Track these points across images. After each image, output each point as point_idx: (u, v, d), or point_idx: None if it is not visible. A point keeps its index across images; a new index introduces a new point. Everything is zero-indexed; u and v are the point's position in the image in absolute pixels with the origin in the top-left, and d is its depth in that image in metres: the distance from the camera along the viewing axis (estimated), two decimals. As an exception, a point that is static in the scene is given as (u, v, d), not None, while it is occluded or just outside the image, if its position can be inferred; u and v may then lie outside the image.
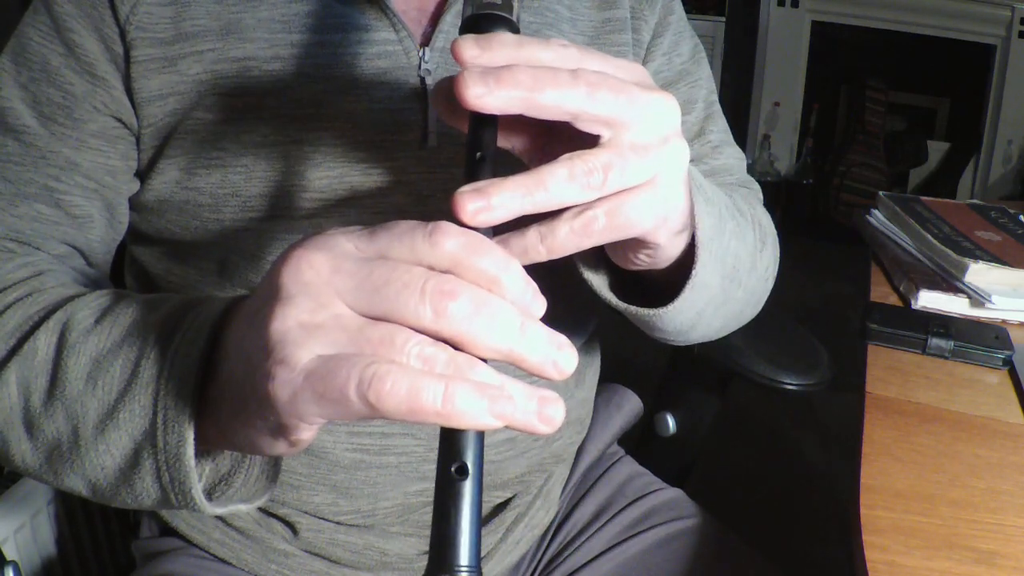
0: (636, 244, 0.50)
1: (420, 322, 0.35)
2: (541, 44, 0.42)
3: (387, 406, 0.34)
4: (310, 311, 0.36)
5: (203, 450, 0.46)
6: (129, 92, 0.61)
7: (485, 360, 0.36)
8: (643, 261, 0.52)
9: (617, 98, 0.42)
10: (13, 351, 0.50)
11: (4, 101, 0.62)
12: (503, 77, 0.40)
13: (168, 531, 0.74)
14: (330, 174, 0.62)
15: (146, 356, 0.46)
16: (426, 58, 0.63)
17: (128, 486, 0.47)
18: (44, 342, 0.50)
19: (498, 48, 0.41)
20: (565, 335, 0.37)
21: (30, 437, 0.49)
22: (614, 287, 0.58)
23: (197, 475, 0.45)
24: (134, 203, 0.66)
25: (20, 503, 0.80)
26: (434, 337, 0.36)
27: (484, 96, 0.39)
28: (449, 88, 0.41)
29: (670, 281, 0.55)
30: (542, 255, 0.43)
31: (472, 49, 0.41)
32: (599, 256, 0.56)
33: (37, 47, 0.61)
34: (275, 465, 0.49)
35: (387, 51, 0.62)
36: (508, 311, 0.36)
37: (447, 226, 0.37)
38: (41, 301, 0.53)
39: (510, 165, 0.43)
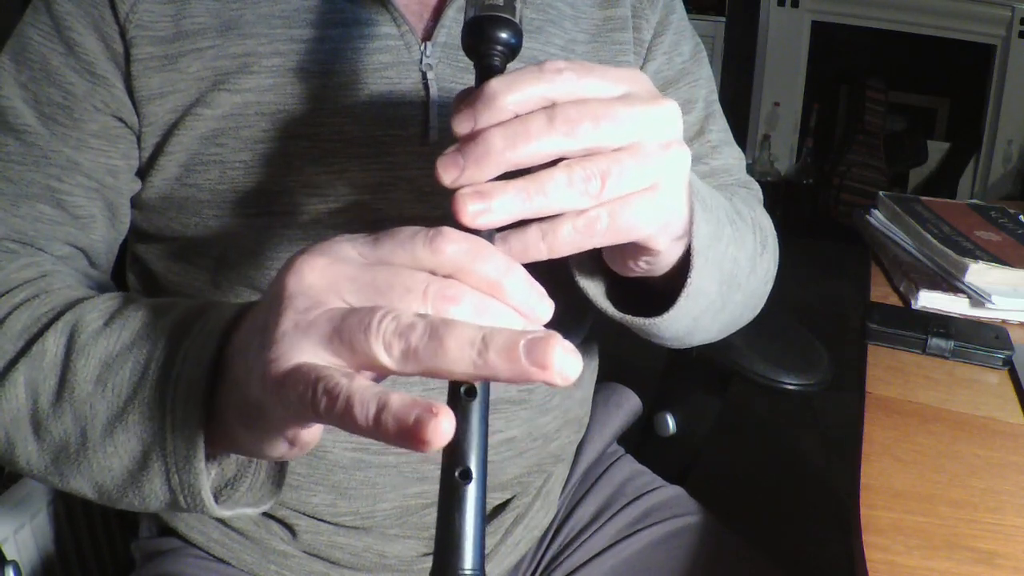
0: (636, 250, 0.50)
1: None
2: (533, 76, 0.41)
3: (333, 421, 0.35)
4: (305, 310, 0.37)
5: (210, 454, 0.46)
6: (129, 91, 0.61)
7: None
8: (641, 268, 0.52)
9: (598, 127, 0.41)
10: (22, 352, 0.50)
11: (5, 101, 0.61)
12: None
13: (167, 531, 0.74)
14: (330, 170, 0.62)
15: (155, 359, 0.46)
16: (428, 53, 0.63)
17: (136, 488, 0.47)
18: (53, 343, 0.50)
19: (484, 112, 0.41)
20: (562, 334, 0.37)
21: (37, 438, 0.49)
22: (610, 293, 0.57)
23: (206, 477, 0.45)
24: (135, 201, 0.66)
25: (20, 503, 0.80)
26: None
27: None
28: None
29: (667, 287, 0.55)
30: (543, 253, 0.43)
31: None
32: (595, 264, 0.56)
33: (37, 47, 0.61)
34: (281, 471, 0.49)
35: (388, 46, 0.62)
36: (510, 316, 0.36)
37: (449, 231, 0.37)
38: (49, 302, 0.53)
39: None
